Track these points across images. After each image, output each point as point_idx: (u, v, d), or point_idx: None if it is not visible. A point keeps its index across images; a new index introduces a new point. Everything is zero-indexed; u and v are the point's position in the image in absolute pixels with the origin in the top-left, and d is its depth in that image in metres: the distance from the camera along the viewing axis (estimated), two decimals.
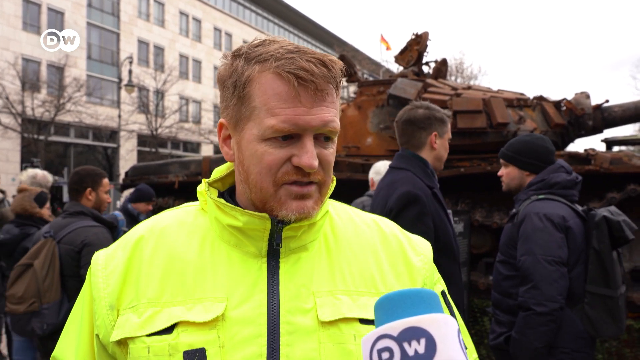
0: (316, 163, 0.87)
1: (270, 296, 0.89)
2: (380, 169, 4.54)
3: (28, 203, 4.14)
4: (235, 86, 0.90)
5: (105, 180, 3.50)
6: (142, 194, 5.56)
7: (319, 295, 0.90)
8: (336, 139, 0.94)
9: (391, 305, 0.65)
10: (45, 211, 4.19)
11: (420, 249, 1.06)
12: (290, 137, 0.88)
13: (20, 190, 4.48)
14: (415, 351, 0.60)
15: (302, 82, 0.85)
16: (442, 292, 1.03)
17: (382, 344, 0.62)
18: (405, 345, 0.60)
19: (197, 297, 0.88)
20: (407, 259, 1.02)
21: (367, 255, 0.99)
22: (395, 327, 0.62)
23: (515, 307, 2.61)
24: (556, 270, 2.50)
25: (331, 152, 0.92)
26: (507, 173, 2.90)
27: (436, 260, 1.09)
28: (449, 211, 2.75)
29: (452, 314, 1.01)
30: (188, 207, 1.05)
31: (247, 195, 0.95)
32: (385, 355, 0.61)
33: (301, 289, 0.90)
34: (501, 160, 2.95)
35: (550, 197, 2.71)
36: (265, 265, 0.92)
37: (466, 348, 0.98)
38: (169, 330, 0.86)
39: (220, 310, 0.86)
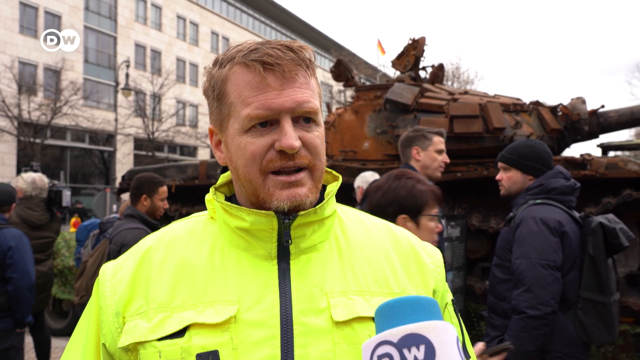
0: (297, 143, 0.87)
1: (283, 297, 0.88)
2: (368, 178, 4.61)
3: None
4: (213, 90, 0.94)
5: (162, 189, 3.63)
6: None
7: (332, 295, 0.89)
8: (320, 122, 0.94)
9: (391, 312, 0.65)
10: None
11: (432, 252, 1.05)
12: (269, 124, 0.89)
13: (26, 197, 4.57)
14: (415, 358, 0.60)
15: (268, 67, 0.87)
16: (452, 300, 1.03)
17: (382, 350, 0.63)
18: (405, 351, 0.61)
19: (208, 301, 0.88)
20: (420, 260, 1.01)
21: (379, 256, 0.98)
22: (395, 333, 0.62)
23: (509, 311, 2.61)
24: (550, 275, 2.50)
25: (316, 135, 0.92)
26: (509, 177, 2.88)
27: None
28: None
29: (460, 323, 1.01)
30: (197, 217, 1.05)
31: (244, 195, 0.95)
32: None
33: (314, 290, 0.89)
34: (500, 164, 2.93)
35: (547, 202, 2.71)
36: (275, 267, 0.91)
37: (469, 357, 0.99)
38: (180, 333, 0.85)
39: (233, 312, 0.85)
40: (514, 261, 2.60)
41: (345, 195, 5.02)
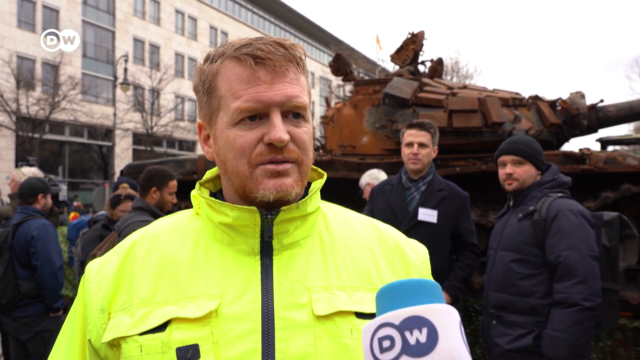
0: (286, 137, 0.88)
1: (264, 292, 0.89)
2: (377, 175, 4.61)
3: (107, 206, 4.52)
4: (203, 84, 0.95)
5: (173, 183, 3.62)
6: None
7: (314, 290, 0.90)
8: (309, 118, 0.95)
9: (393, 294, 0.64)
10: (117, 212, 4.43)
11: (418, 249, 1.06)
12: (258, 117, 0.90)
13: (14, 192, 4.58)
14: (417, 340, 0.59)
15: (260, 61, 0.88)
16: None
17: (383, 332, 0.62)
18: (407, 334, 0.60)
19: (190, 296, 0.88)
20: (405, 255, 1.02)
21: (362, 251, 0.99)
22: (397, 315, 0.61)
23: (539, 306, 2.60)
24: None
25: (304, 130, 0.93)
26: (525, 171, 2.80)
27: None
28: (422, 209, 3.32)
29: None
30: (182, 213, 1.06)
31: (231, 189, 0.96)
32: (386, 343, 0.61)
33: (295, 285, 0.90)
34: (513, 158, 2.82)
35: (567, 196, 2.74)
36: (258, 263, 0.92)
37: None
38: (161, 327, 0.86)
39: (214, 306, 0.86)
40: (560, 253, 2.56)
41: (346, 192, 5.00)
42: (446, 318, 0.61)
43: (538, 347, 2.57)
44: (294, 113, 0.91)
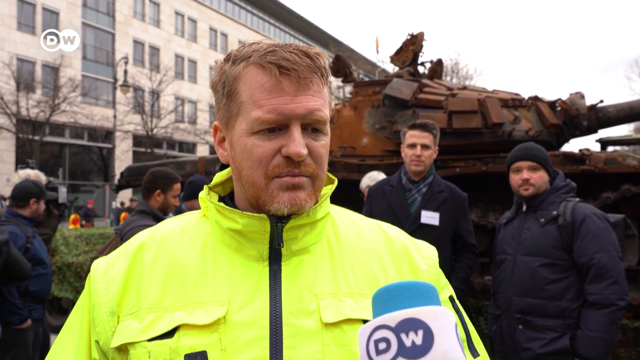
0: (304, 151, 0.87)
1: (273, 299, 0.88)
2: (376, 177, 4.59)
3: None
4: (224, 86, 0.92)
5: (177, 186, 3.55)
6: (198, 190, 4.55)
7: (322, 297, 0.89)
8: (327, 131, 0.93)
9: (389, 297, 0.64)
10: None
11: (426, 252, 1.05)
12: (277, 128, 0.88)
13: None
14: (413, 342, 0.60)
15: (284, 71, 0.86)
16: (450, 297, 1.02)
17: (379, 334, 0.62)
18: (403, 336, 0.60)
19: (198, 301, 0.88)
20: (412, 261, 1.01)
21: (370, 257, 0.98)
22: (393, 318, 0.62)
23: (568, 310, 2.64)
24: (623, 266, 2.63)
25: (322, 144, 0.92)
26: (541, 177, 2.83)
27: None
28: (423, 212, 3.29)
29: (462, 319, 0.99)
30: (190, 214, 1.05)
31: (243, 195, 0.95)
32: (382, 345, 0.61)
33: (304, 291, 0.90)
34: (529, 163, 2.84)
35: (583, 200, 2.81)
36: (267, 269, 0.91)
37: (477, 355, 0.97)
38: (170, 334, 0.85)
39: (222, 313, 0.86)
40: (593, 256, 2.61)
41: (346, 193, 5.00)
42: (442, 320, 0.61)
43: (572, 348, 2.63)
44: (314, 128, 0.90)
